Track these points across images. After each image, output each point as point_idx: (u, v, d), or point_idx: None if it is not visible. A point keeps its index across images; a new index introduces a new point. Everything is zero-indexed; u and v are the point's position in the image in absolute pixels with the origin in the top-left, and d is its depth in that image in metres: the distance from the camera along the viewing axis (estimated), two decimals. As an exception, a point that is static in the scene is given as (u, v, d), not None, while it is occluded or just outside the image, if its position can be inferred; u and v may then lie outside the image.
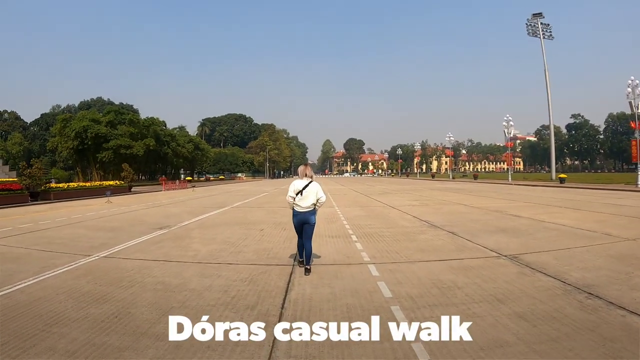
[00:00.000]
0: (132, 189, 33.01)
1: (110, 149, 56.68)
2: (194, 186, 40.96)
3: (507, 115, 58.48)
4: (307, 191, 6.07)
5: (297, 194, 6.08)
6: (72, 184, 26.37)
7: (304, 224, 6.17)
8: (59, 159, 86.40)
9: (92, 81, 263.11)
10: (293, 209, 6.22)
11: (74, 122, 58.71)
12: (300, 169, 6.35)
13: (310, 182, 6.15)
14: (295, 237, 7.02)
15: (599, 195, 22.82)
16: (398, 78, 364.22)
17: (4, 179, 23.50)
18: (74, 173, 64.46)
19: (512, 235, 9.15)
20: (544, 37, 63.30)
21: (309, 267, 6.11)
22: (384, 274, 5.90)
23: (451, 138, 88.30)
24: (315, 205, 6.17)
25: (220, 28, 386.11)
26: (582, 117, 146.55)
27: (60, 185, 25.05)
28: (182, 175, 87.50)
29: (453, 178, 77.06)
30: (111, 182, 30.11)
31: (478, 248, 7.79)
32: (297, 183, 6.14)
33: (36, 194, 23.52)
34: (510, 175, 53.06)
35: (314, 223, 6.30)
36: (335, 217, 13.05)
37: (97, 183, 29.79)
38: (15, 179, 23.77)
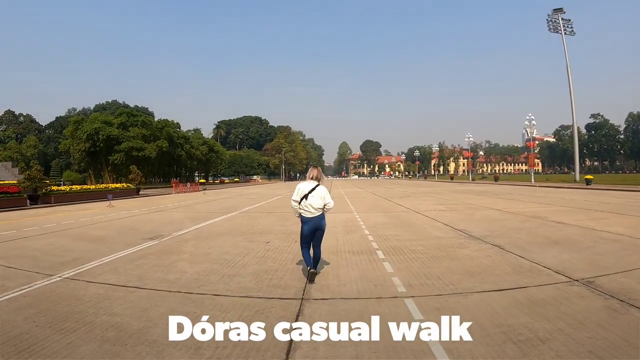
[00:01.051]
0: (140, 192, 31.79)
1: (122, 151, 55.92)
2: (204, 189, 39.64)
3: (529, 114, 55.74)
4: (314, 195, 5.52)
5: (302, 199, 5.54)
6: (75, 187, 25.18)
7: (316, 230, 5.59)
8: (73, 161, 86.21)
9: (108, 85, 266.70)
10: (301, 216, 5.63)
11: (85, 124, 58.21)
12: (310, 171, 5.79)
13: (317, 185, 5.61)
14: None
15: (634, 197, 20.70)
16: (414, 80, 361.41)
17: (5, 182, 22.36)
18: (87, 176, 63.82)
19: (569, 249, 7.37)
20: (565, 33, 60.65)
21: (314, 271, 5.52)
22: (429, 314, 4.17)
23: (470, 138, 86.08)
24: (322, 209, 5.60)
25: (237, 31, 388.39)
26: (602, 116, 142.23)
27: (62, 188, 23.88)
28: (197, 178, 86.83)
29: (473, 180, 74.57)
30: (117, 185, 28.90)
31: (538, 268, 6.04)
32: (303, 186, 5.63)
33: (36, 197, 22.35)
34: (532, 177, 50.61)
35: (325, 228, 5.75)
36: (355, 226, 11.35)
37: (103, 186, 28.61)
38: (16, 182, 22.60)
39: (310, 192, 5.53)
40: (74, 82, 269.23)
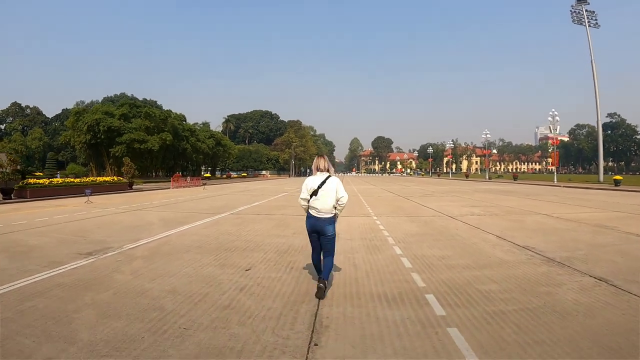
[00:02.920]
0: (133, 186, 29.01)
1: (123, 143, 53.26)
2: (204, 184, 36.74)
3: (552, 110, 51.89)
4: (324, 190, 4.58)
5: (311, 195, 4.61)
6: (56, 180, 22.41)
7: (320, 234, 4.64)
8: (77, 154, 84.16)
9: (118, 80, 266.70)
10: (308, 213, 4.72)
11: (86, 116, 55.72)
12: (316, 162, 4.80)
13: (328, 177, 4.65)
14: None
15: None
16: (426, 77, 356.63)
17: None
18: (89, 168, 61.40)
19: None
20: (589, 26, 56.74)
21: (322, 286, 4.45)
22: None
23: (488, 135, 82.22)
24: (335, 208, 4.62)
25: (247, 27, 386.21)
26: (619, 116, 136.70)
27: (41, 181, 21.09)
28: (203, 172, 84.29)
29: (489, 179, 70.67)
30: (107, 179, 26.11)
31: None
32: (311, 181, 4.67)
33: (9, 191, 19.63)
34: (555, 176, 46.93)
35: (332, 235, 4.66)
36: (379, 237, 8.31)
37: (89, 179, 25.81)
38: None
39: (320, 186, 4.59)
40: (84, 76, 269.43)
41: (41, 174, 50.24)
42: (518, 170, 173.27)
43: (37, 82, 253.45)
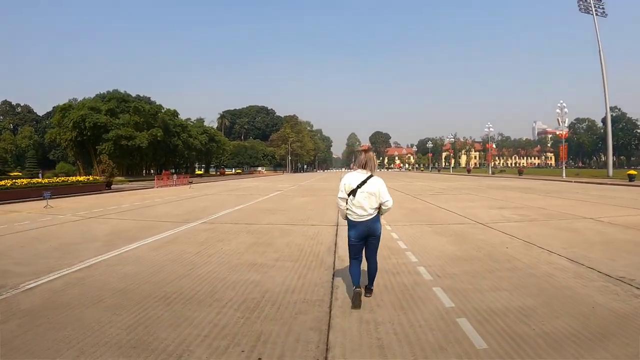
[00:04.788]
0: (111, 186, 26.23)
1: (110, 140, 50.31)
2: (190, 182, 33.88)
3: (561, 102, 49.10)
4: (364, 192, 4.03)
5: (349, 194, 4.08)
6: (20, 182, 19.63)
7: (368, 236, 4.12)
8: (65, 152, 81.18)
9: (112, 77, 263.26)
10: (348, 219, 4.16)
11: (72, 112, 52.56)
12: (360, 157, 4.22)
13: (370, 177, 4.10)
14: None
15: None
16: (422, 71, 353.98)
17: None
18: (76, 167, 58.30)
19: None
20: (596, 14, 54.03)
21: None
22: None
23: (491, 128, 79.56)
24: (378, 210, 4.11)
25: (244, 22, 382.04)
26: (620, 110, 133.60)
27: (2, 182, 18.34)
28: (197, 169, 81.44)
29: (493, 173, 67.79)
30: (81, 178, 23.24)
31: None
32: (350, 178, 4.12)
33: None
34: (564, 171, 44.13)
35: (380, 234, 4.21)
36: (403, 266, 5.65)
37: (59, 179, 22.99)
38: None
39: (359, 186, 4.01)
40: (79, 74, 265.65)
41: (19, 173, 47.19)
42: (517, 164, 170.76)
43: (29, 80, 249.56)
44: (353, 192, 4.05)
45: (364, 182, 4.04)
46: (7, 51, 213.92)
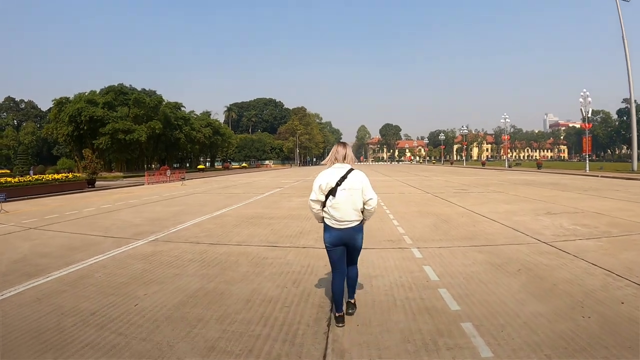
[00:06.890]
0: (95, 183, 23.64)
1: (107, 134, 47.92)
2: (183, 178, 31.20)
3: (584, 90, 45.37)
4: (345, 188, 3.33)
5: (327, 195, 3.36)
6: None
7: (346, 246, 3.42)
8: (64, 147, 79.25)
9: (117, 71, 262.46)
10: (324, 223, 3.44)
11: (68, 106, 50.32)
12: (334, 150, 3.53)
13: (350, 171, 3.41)
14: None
15: None
16: (433, 63, 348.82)
17: None
18: (74, 163, 55.99)
19: None
20: (620, -1, 50.05)
21: (352, 301, 3.61)
22: None
23: (507, 119, 75.85)
24: (362, 213, 3.41)
25: (251, 14, 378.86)
26: (636, 101, 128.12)
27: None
28: (201, 163, 78.94)
29: (509, 167, 63.98)
30: (57, 176, 20.59)
31: None
32: (327, 175, 3.39)
33: None
34: (587, 164, 40.35)
35: (361, 245, 3.54)
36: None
37: (33, 177, 20.34)
38: None
39: (339, 182, 3.29)
40: (86, 70, 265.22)
41: (8, 171, 44.92)
42: (530, 157, 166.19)
43: (34, 75, 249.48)
44: (332, 192, 3.33)
45: (344, 177, 3.34)
46: (17, 46, 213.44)
